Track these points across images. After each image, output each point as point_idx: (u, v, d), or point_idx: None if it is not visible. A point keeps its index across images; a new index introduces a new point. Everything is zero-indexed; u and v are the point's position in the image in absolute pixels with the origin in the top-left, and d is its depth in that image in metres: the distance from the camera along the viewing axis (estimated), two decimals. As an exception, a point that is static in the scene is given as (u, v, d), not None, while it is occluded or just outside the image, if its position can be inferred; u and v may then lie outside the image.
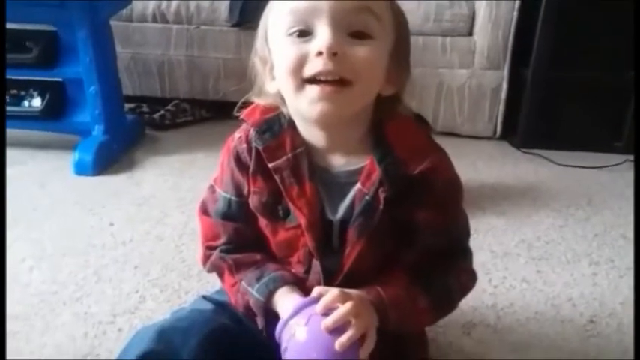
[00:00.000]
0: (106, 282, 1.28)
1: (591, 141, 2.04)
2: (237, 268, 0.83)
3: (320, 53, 0.68)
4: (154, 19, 2.13)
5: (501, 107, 2.08)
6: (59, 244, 1.43)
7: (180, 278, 1.29)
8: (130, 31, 2.14)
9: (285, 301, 0.77)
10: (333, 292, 0.71)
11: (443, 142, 0.83)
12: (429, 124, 2.09)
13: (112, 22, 1.93)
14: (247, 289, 0.81)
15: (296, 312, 0.72)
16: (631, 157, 1.96)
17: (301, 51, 0.69)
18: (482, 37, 2.00)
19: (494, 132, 2.13)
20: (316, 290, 0.73)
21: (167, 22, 2.13)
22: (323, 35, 0.68)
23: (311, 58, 0.69)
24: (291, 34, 0.71)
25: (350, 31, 0.70)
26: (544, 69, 1.99)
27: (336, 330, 0.69)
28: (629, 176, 1.87)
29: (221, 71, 2.14)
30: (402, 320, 0.77)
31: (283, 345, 0.72)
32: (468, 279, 0.86)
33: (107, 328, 1.14)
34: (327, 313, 0.70)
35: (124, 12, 2.08)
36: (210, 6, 2.09)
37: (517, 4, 1.94)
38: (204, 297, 0.91)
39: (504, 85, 2.05)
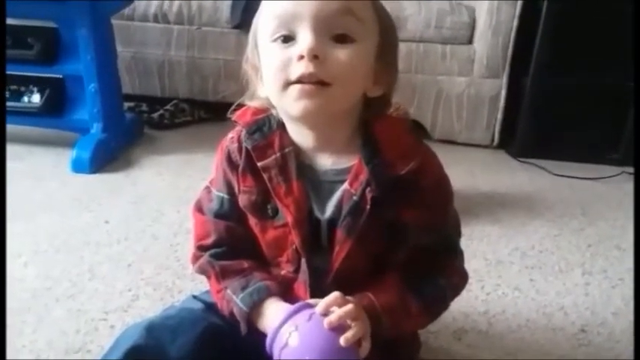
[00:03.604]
0: (99, 279, 1.29)
1: (588, 152, 2.05)
2: (224, 275, 0.83)
3: (301, 57, 0.69)
4: (156, 19, 2.14)
5: (499, 116, 2.09)
6: (54, 240, 1.43)
7: (174, 277, 1.30)
8: (132, 31, 2.14)
9: (273, 311, 0.77)
10: (335, 294, 0.72)
11: (440, 149, 0.83)
12: (427, 131, 2.09)
13: (114, 21, 1.94)
14: (232, 298, 0.80)
15: (288, 318, 0.71)
16: (628, 169, 1.96)
17: (285, 56, 0.71)
18: (482, 45, 2.01)
19: (492, 140, 2.13)
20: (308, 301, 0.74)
21: (168, 22, 2.13)
22: (304, 39, 0.70)
23: (294, 62, 0.70)
24: (275, 40, 0.72)
25: (332, 34, 0.71)
26: (543, 78, 1.99)
27: (332, 334, 0.69)
28: (625, 188, 1.88)
29: (221, 72, 2.15)
30: (395, 326, 0.78)
31: (276, 353, 0.71)
32: (459, 279, 0.87)
33: (99, 325, 1.14)
34: (326, 314, 0.70)
35: (126, 11, 2.08)
36: (212, 7, 2.10)
37: (517, 12, 1.95)
38: (195, 297, 0.91)
39: (503, 94, 2.05)
